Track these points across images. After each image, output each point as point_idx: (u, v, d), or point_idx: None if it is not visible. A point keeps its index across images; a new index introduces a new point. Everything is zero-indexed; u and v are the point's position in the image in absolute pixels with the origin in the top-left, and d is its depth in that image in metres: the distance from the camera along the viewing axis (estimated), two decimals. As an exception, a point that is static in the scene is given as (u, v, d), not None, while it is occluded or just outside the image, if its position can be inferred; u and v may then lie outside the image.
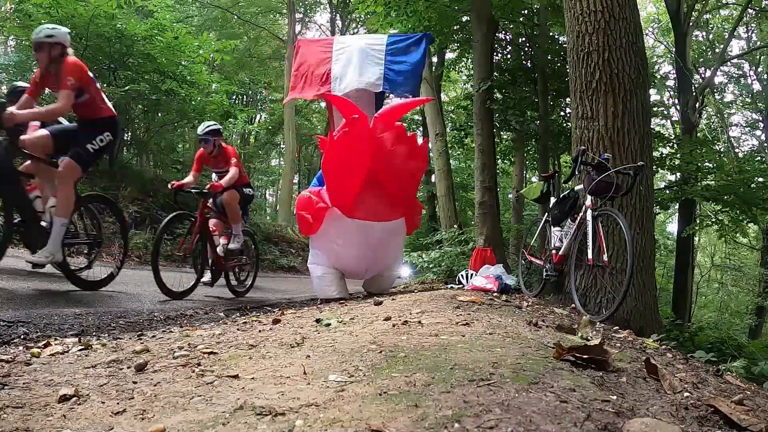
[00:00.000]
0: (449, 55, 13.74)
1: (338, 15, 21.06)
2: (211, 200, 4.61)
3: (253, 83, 20.16)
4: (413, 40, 4.86)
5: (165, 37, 9.19)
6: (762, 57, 14.77)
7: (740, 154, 13.96)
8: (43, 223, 3.29)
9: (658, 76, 13.52)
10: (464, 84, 11.95)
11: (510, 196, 14.40)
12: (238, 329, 2.09)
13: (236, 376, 1.21)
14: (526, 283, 4.40)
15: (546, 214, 4.16)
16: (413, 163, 4.00)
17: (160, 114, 11.04)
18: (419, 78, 4.90)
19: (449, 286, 5.29)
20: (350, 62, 4.54)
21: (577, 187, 3.66)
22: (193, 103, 10.46)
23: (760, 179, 7.34)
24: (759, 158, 9.41)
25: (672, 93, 15.81)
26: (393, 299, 3.03)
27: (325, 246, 4.01)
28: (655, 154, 7.74)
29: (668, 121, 16.26)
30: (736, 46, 17.02)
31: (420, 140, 4.76)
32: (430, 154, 12.97)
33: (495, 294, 3.66)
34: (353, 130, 3.60)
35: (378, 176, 3.80)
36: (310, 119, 25.33)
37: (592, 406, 0.94)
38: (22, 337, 2.02)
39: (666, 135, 11.61)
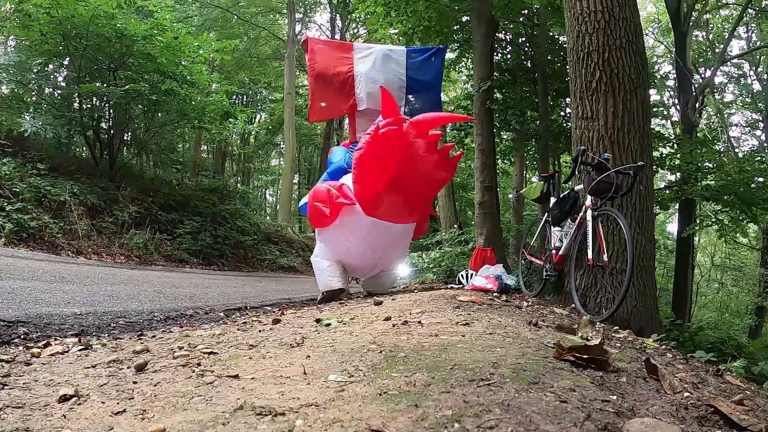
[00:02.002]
0: (449, 55, 13.70)
1: (338, 15, 21.06)
2: None
3: (253, 83, 20.15)
4: (431, 52, 5.02)
5: (165, 37, 9.18)
6: (762, 57, 14.76)
7: (740, 154, 13.94)
8: None
9: (658, 76, 13.51)
10: (464, 84, 11.94)
11: (510, 196, 14.39)
12: (238, 329, 2.09)
13: (236, 376, 1.21)
14: (526, 283, 4.40)
15: (546, 214, 4.15)
16: (441, 173, 4.00)
17: (160, 114, 11.03)
18: (439, 96, 5.17)
19: (449, 286, 5.29)
20: (374, 72, 4.63)
21: (577, 187, 3.66)
22: (193, 103, 10.45)
23: (760, 179, 7.33)
24: (759, 158, 9.39)
25: (672, 93, 15.80)
26: (393, 299, 3.03)
27: (334, 240, 4.04)
28: (655, 154, 7.73)
29: (668, 121, 16.25)
30: (736, 46, 17.03)
31: (454, 152, 4.63)
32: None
33: (495, 294, 3.66)
34: (399, 127, 3.58)
35: (403, 180, 3.81)
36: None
37: (592, 406, 0.94)
38: (22, 337, 2.02)
39: (666, 135, 11.60)
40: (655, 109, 12.33)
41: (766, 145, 14.95)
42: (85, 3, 8.06)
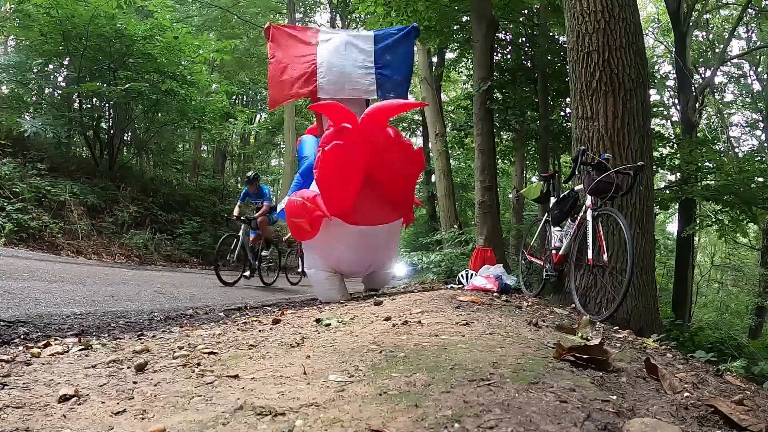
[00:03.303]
0: (449, 55, 13.76)
1: (338, 15, 21.06)
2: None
3: (253, 83, 20.15)
4: (401, 35, 4.69)
5: (165, 37, 9.19)
6: (762, 57, 14.76)
7: (740, 154, 13.93)
8: None
9: (658, 76, 13.50)
10: (464, 84, 11.94)
11: (510, 196, 14.39)
12: (238, 329, 2.09)
13: (236, 376, 1.21)
14: (526, 283, 4.40)
15: (546, 214, 4.15)
16: (409, 166, 3.95)
17: (160, 114, 11.04)
18: (409, 81, 4.82)
19: (449, 286, 5.29)
20: (337, 59, 4.35)
21: (577, 187, 3.66)
22: (193, 103, 10.45)
23: (760, 179, 7.33)
24: (759, 158, 9.39)
25: (672, 93, 15.80)
26: (393, 299, 3.03)
27: (323, 251, 3.90)
28: (655, 154, 7.73)
29: (668, 121, 16.26)
30: (736, 46, 17.02)
31: (415, 146, 4.47)
32: (430, 154, 12.96)
33: (495, 294, 3.66)
34: (345, 139, 3.41)
35: (376, 177, 3.71)
36: (310, 119, 25.33)
37: (592, 406, 0.94)
38: (22, 337, 2.02)
39: (666, 135, 11.59)
40: (655, 109, 12.34)
41: (766, 145, 14.95)
42: (85, 3, 8.07)
